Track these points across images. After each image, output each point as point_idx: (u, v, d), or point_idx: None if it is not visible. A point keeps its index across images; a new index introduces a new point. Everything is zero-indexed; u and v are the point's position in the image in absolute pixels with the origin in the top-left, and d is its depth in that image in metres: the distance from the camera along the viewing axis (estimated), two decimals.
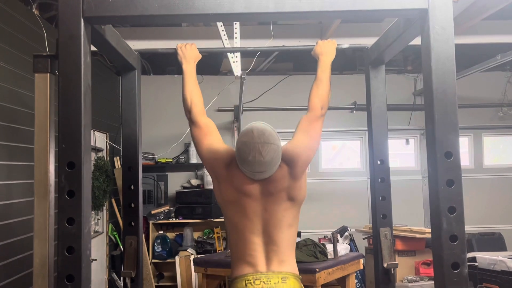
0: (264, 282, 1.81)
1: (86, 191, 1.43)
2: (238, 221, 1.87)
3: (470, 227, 5.03)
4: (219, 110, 5.27)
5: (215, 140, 1.94)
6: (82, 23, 1.44)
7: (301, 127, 1.93)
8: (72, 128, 1.42)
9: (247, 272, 1.85)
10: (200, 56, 2.11)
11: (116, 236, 4.83)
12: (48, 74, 1.54)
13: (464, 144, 5.76)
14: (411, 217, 5.15)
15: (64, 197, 1.41)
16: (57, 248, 1.41)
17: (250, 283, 1.82)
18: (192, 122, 1.95)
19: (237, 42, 3.37)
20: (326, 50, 2.05)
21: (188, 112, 1.96)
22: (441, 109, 1.43)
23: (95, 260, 4.17)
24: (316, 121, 1.93)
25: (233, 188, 1.86)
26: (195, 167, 5.50)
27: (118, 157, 4.95)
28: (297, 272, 1.90)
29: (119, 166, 4.86)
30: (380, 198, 2.13)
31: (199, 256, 4.58)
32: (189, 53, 2.05)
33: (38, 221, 1.51)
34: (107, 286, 4.70)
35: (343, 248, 3.84)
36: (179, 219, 5.11)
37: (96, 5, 1.45)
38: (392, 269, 2.12)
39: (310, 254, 3.53)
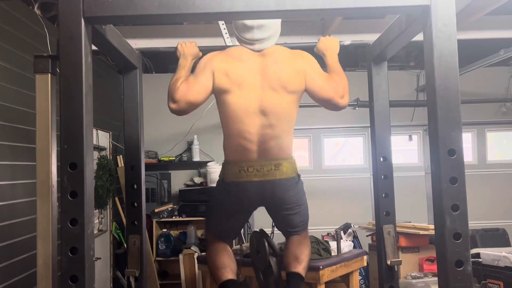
0: (257, 169, 1.87)
1: (88, 192, 1.43)
2: (235, 104, 1.92)
3: (474, 223, 5.01)
4: None
5: (195, 80, 2.00)
6: (83, 23, 1.43)
7: (324, 79, 2.03)
8: (74, 129, 1.42)
9: (241, 158, 1.89)
10: (199, 54, 2.15)
11: (120, 234, 4.84)
12: (49, 75, 1.54)
13: (467, 139, 5.73)
14: (414, 213, 5.14)
15: (67, 198, 1.41)
16: (61, 248, 1.41)
17: (244, 170, 1.87)
18: (174, 103, 2.05)
19: None
20: (330, 45, 2.08)
21: (168, 98, 2.07)
22: (444, 106, 1.42)
23: (99, 258, 4.18)
24: (333, 95, 2.04)
25: (233, 69, 1.93)
26: (198, 165, 5.51)
27: (121, 156, 4.95)
28: (290, 154, 1.96)
29: (122, 165, 4.87)
30: (383, 195, 2.12)
31: (203, 254, 4.59)
32: (189, 50, 2.12)
33: (41, 221, 1.51)
34: (111, 284, 4.72)
35: (346, 245, 3.84)
36: (182, 217, 5.11)
37: (96, 5, 1.45)
38: (396, 266, 2.12)
39: (313, 252, 3.52)
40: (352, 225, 4.97)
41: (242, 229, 2.28)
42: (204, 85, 1.99)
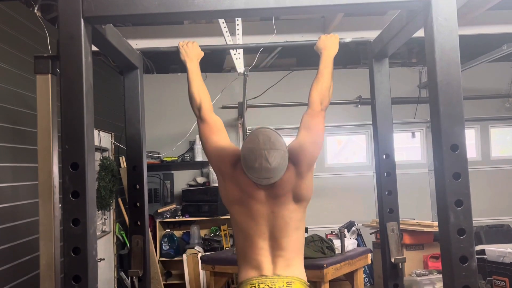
0: (268, 286, 1.79)
1: (90, 192, 1.43)
2: (244, 223, 1.85)
3: (478, 220, 4.99)
4: (223, 108, 5.26)
5: (222, 138, 1.93)
6: (82, 23, 1.43)
7: (303, 124, 1.91)
8: (75, 129, 1.42)
9: (252, 275, 1.83)
10: (202, 54, 2.10)
11: (124, 235, 4.84)
12: (50, 75, 1.54)
13: (471, 135, 5.71)
14: (418, 210, 5.13)
15: (69, 198, 1.41)
16: (63, 249, 1.41)
17: (255, 286, 1.80)
18: (201, 119, 1.95)
19: (240, 39, 3.36)
20: (328, 45, 2.03)
21: (197, 109, 1.96)
22: (446, 102, 1.41)
23: (103, 259, 4.19)
24: (317, 116, 1.90)
25: (238, 188, 1.84)
26: (201, 165, 5.50)
27: (123, 157, 4.95)
28: (304, 278, 1.86)
29: (125, 165, 4.87)
30: (387, 192, 2.11)
31: (206, 253, 4.59)
32: (192, 51, 2.05)
33: (43, 222, 1.51)
34: (115, 285, 4.72)
35: (350, 243, 3.83)
36: (185, 217, 5.11)
37: (96, 5, 1.44)
38: (400, 264, 2.11)
39: (317, 250, 3.52)
40: (355, 223, 4.95)
41: None
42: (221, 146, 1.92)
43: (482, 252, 3.92)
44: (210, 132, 1.92)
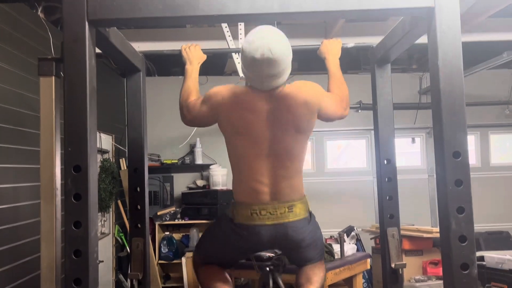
0: (270, 212, 1.81)
1: (92, 194, 1.43)
2: (246, 147, 1.86)
3: (478, 226, 4.95)
4: None
5: (205, 104, 1.96)
6: (87, 26, 1.44)
7: (332, 100, 2.00)
8: (78, 131, 1.42)
9: (253, 200, 1.83)
10: (204, 57, 2.13)
11: (123, 237, 4.84)
12: (53, 77, 1.54)
13: (471, 142, 5.71)
14: (417, 216, 5.11)
15: (71, 200, 1.40)
16: (64, 251, 1.41)
17: (256, 213, 1.80)
18: (186, 119, 2.06)
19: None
20: (331, 49, 2.06)
21: (181, 112, 2.07)
22: (448, 109, 1.42)
23: (102, 261, 4.18)
24: (341, 112, 2.04)
25: (241, 116, 1.85)
26: (201, 168, 5.50)
27: (123, 159, 4.95)
28: (303, 193, 1.92)
29: (125, 167, 4.87)
30: (387, 198, 2.11)
31: None
32: (193, 54, 2.09)
33: (45, 224, 1.51)
34: None
35: (349, 248, 3.83)
36: (185, 220, 5.11)
37: (101, 7, 1.45)
38: (400, 269, 2.11)
39: None
40: (355, 228, 4.95)
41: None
42: (210, 121, 1.98)
43: (481, 258, 3.91)
44: (200, 118, 2.00)
